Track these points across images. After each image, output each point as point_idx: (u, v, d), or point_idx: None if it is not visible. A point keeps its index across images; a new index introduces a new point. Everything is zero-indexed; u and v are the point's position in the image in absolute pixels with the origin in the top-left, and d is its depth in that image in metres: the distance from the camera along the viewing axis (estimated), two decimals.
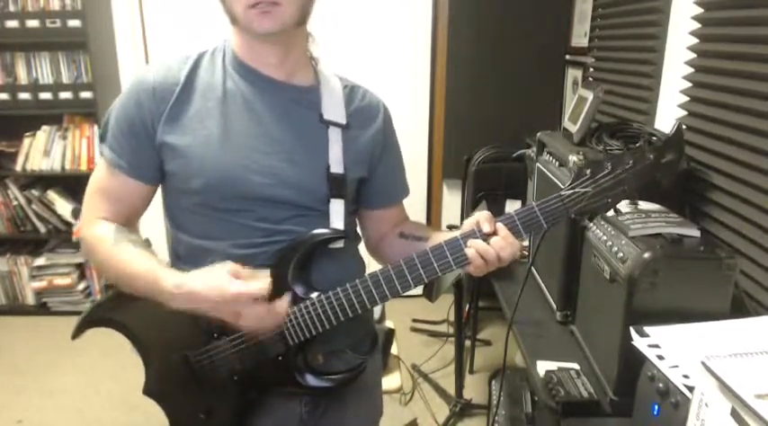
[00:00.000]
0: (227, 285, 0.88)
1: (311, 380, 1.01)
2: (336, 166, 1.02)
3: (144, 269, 0.94)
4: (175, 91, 0.97)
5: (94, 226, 1.00)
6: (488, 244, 0.92)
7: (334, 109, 1.04)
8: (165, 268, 0.94)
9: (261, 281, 0.90)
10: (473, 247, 0.92)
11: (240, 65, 1.01)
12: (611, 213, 1.14)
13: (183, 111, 0.97)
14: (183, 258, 1.04)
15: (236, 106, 0.99)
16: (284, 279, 0.97)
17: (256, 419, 1.04)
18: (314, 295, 0.97)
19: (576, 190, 0.90)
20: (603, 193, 0.91)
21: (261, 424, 1.05)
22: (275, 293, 0.93)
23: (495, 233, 0.92)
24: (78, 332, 1.05)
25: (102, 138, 1.01)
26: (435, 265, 0.93)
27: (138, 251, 0.97)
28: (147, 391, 1.07)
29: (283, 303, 0.93)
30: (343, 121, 1.04)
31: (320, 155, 1.02)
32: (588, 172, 0.90)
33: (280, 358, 0.99)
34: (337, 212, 1.03)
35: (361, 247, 1.17)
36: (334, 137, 1.03)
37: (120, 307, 1.01)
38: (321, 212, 1.02)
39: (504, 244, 0.92)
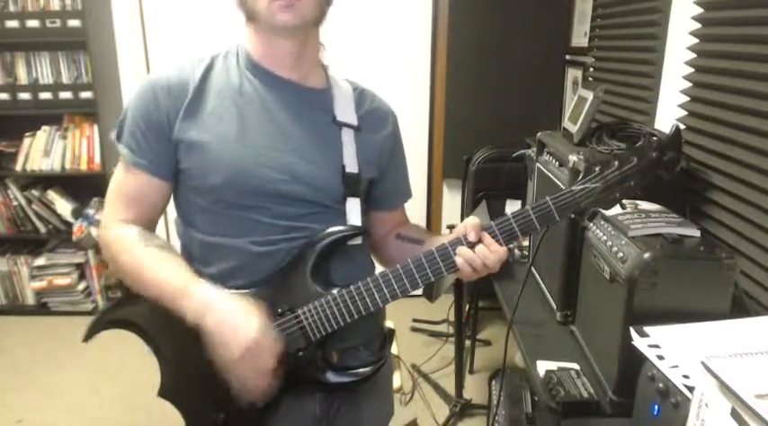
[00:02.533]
0: (254, 328, 0.90)
1: (332, 376, 1.02)
2: (351, 166, 1.04)
3: (171, 275, 0.94)
4: (191, 88, 0.98)
5: (116, 229, 1.00)
6: (474, 251, 0.95)
7: (345, 111, 1.07)
8: (195, 277, 0.95)
9: (279, 342, 0.94)
10: (460, 255, 0.95)
11: (255, 66, 1.02)
12: (612, 212, 1.15)
13: (199, 109, 0.98)
14: (197, 257, 1.04)
15: (251, 105, 1.00)
16: (304, 276, 0.99)
17: (271, 420, 1.04)
18: (334, 290, 0.99)
19: (586, 185, 0.95)
20: (611, 189, 0.95)
21: (276, 425, 1.05)
22: (289, 299, 0.99)
23: (480, 241, 0.95)
24: (91, 333, 1.03)
25: (119, 138, 1.01)
26: (429, 270, 0.97)
27: (165, 254, 0.97)
28: (163, 393, 1.05)
29: (281, 370, 0.96)
30: (355, 123, 1.07)
31: (335, 155, 1.04)
32: (597, 169, 0.95)
33: (300, 353, 1.00)
34: (354, 210, 1.05)
35: None
36: (347, 138, 1.05)
37: (134, 308, 1.00)
38: (337, 210, 1.04)
39: (487, 253, 0.95)
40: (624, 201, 0.98)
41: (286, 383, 1.02)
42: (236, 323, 0.90)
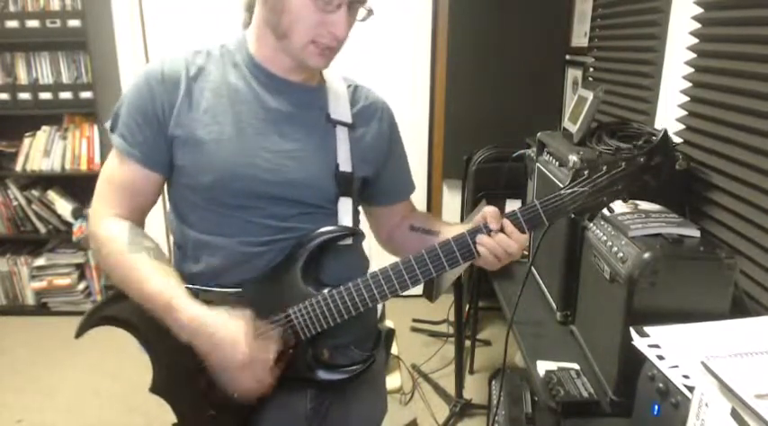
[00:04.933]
0: (243, 346, 0.90)
1: (322, 374, 1.02)
2: (345, 165, 1.04)
3: (160, 289, 0.93)
4: (184, 82, 0.98)
5: (106, 224, 0.99)
6: (495, 240, 0.95)
7: (340, 109, 1.07)
8: (182, 292, 0.94)
9: (271, 349, 0.93)
10: (482, 244, 0.96)
11: (256, 66, 1.02)
12: (607, 212, 1.15)
13: (194, 105, 0.98)
14: (189, 253, 1.04)
15: (247, 104, 1.00)
16: (294, 276, 0.99)
17: (262, 416, 1.05)
18: (325, 290, 0.99)
19: (575, 189, 0.95)
20: (599, 192, 0.96)
21: (267, 421, 1.05)
22: (279, 298, 0.98)
23: (501, 229, 0.95)
24: (82, 330, 1.04)
25: (113, 129, 1.01)
26: (444, 260, 0.97)
27: (155, 264, 0.96)
28: (155, 389, 1.06)
29: (278, 370, 0.95)
30: (349, 121, 1.07)
31: (329, 154, 1.04)
32: (586, 173, 0.96)
33: (290, 351, 1.00)
34: (346, 210, 1.05)
35: (365, 244, 1.18)
36: (342, 136, 1.05)
37: (126, 305, 1.00)
38: (329, 210, 1.04)
39: (509, 241, 0.95)
40: (621, 203, 0.98)
41: (277, 380, 1.02)
42: (227, 338, 0.90)
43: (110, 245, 0.97)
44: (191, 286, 0.98)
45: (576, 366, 1.21)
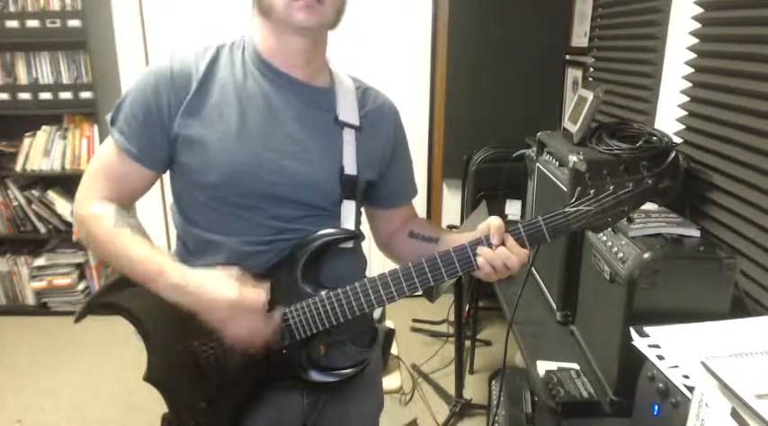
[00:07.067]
0: (230, 290, 0.90)
1: (314, 375, 1.02)
2: (350, 168, 1.04)
3: (145, 254, 0.94)
4: (194, 81, 0.97)
5: (93, 205, 1.00)
6: (495, 252, 0.94)
7: (348, 110, 1.06)
8: (168, 257, 0.95)
9: (261, 293, 0.93)
10: (482, 255, 0.95)
11: (262, 62, 1.01)
12: None
13: (202, 103, 0.97)
14: (193, 251, 1.05)
15: (254, 103, 0.99)
16: (293, 276, 0.99)
17: (258, 411, 1.05)
18: (323, 292, 0.99)
19: (580, 208, 0.93)
20: (604, 213, 0.94)
21: (263, 416, 1.05)
22: (276, 297, 0.97)
23: (503, 243, 0.94)
24: (81, 316, 1.05)
25: (113, 122, 1.01)
26: (443, 270, 0.96)
27: (138, 236, 0.97)
28: (148, 378, 1.07)
29: (276, 319, 0.96)
30: (357, 123, 1.06)
31: (335, 156, 1.03)
32: (592, 192, 0.94)
33: (284, 351, 1.00)
34: (349, 213, 1.05)
35: (364, 245, 1.18)
36: (348, 138, 1.05)
37: (125, 293, 1.01)
38: (332, 212, 1.04)
39: (509, 254, 0.94)
40: (630, 221, 0.97)
41: (270, 379, 1.02)
42: (214, 286, 0.91)
43: (96, 224, 0.98)
44: None
45: (575, 366, 1.21)
